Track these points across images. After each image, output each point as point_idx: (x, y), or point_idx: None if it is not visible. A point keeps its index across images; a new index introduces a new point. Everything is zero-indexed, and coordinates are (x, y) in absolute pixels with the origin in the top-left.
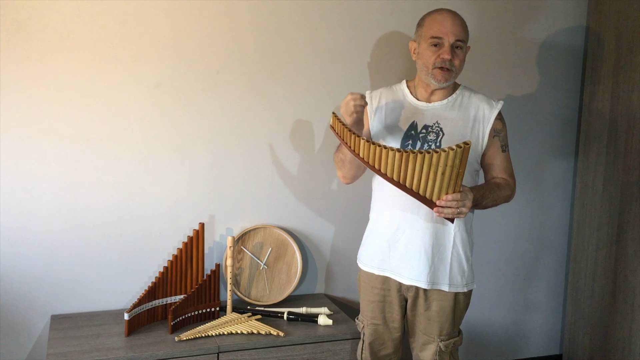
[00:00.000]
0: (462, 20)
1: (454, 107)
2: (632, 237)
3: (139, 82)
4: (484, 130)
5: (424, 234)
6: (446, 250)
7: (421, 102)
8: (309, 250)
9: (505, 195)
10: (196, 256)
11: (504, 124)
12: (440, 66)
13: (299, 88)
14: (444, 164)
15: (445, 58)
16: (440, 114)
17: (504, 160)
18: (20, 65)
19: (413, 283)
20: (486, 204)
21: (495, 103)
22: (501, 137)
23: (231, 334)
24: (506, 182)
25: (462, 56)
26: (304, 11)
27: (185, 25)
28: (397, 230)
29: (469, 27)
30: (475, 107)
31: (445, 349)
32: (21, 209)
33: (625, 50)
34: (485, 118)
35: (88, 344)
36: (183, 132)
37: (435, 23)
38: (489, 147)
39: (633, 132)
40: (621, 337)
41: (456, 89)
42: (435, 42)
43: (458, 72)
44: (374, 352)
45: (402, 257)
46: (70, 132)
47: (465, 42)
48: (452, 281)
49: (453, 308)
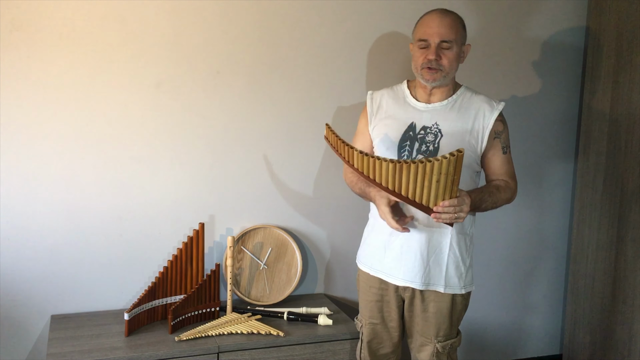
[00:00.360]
0: (453, 19)
1: (453, 108)
2: (632, 237)
3: (139, 82)
4: (484, 131)
5: (420, 235)
6: (443, 252)
7: (421, 102)
8: (309, 250)
9: (506, 198)
10: (196, 256)
11: (505, 125)
12: (427, 66)
13: (299, 88)
14: (438, 173)
15: (430, 59)
16: (440, 115)
17: (505, 162)
18: (20, 65)
19: (407, 284)
20: (486, 207)
21: (496, 104)
22: (502, 139)
23: (231, 334)
24: (507, 184)
25: (451, 55)
26: (303, 11)
27: (185, 25)
28: (392, 232)
29: (469, 27)
30: (476, 108)
31: (442, 350)
32: (21, 209)
33: (625, 50)
34: (485, 119)
35: (88, 344)
36: (183, 132)
37: (422, 25)
38: (489, 148)
39: (633, 132)
40: (621, 337)
41: (457, 90)
42: (423, 45)
43: (449, 71)
44: (372, 351)
45: (396, 258)
46: (70, 132)
47: (454, 41)
48: (449, 282)
49: (450, 309)
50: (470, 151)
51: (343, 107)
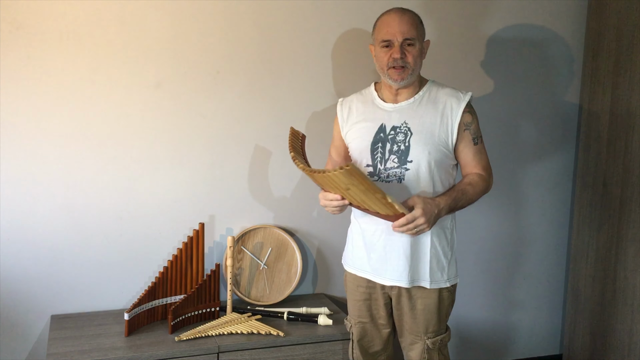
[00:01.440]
0: (412, 17)
1: (421, 105)
2: (632, 237)
3: (139, 82)
4: (452, 124)
5: (400, 235)
6: (424, 248)
7: (388, 103)
8: (309, 250)
9: (480, 191)
10: (196, 256)
11: (474, 116)
12: (392, 66)
13: (299, 88)
14: (342, 183)
15: (395, 57)
16: (408, 114)
17: (477, 152)
18: (20, 65)
19: (394, 283)
20: (462, 206)
21: (463, 95)
22: (472, 130)
23: (231, 334)
24: (480, 177)
25: (415, 52)
26: (303, 12)
27: (185, 25)
28: (374, 233)
29: (467, 27)
30: (443, 101)
31: (432, 346)
32: (21, 209)
33: (625, 51)
34: (453, 112)
35: (88, 344)
36: (183, 132)
37: (383, 25)
38: (460, 140)
39: (633, 132)
40: (621, 337)
41: (423, 86)
42: (386, 44)
43: (415, 68)
44: (364, 349)
45: (381, 258)
46: (70, 132)
47: (416, 38)
48: (433, 277)
49: (438, 305)
50: (442, 146)
51: None
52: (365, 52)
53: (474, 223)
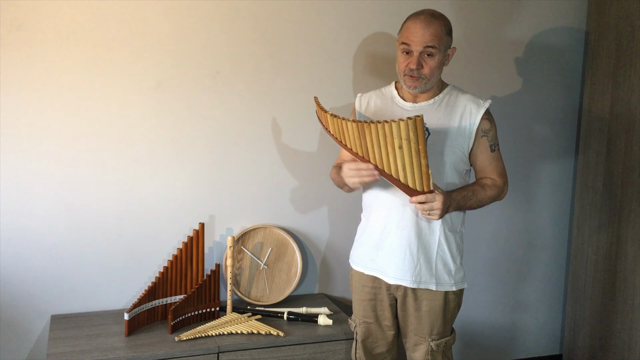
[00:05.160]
0: (439, 27)
1: (440, 107)
2: (632, 237)
3: (139, 82)
4: (470, 129)
5: (409, 233)
6: (431, 250)
7: (408, 102)
8: (309, 250)
9: (492, 196)
10: (196, 256)
11: (492, 123)
12: (409, 74)
13: (299, 88)
14: (398, 137)
15: (411, 68)
16: (427, 114)
17: (493, 159)
18: (20, 65)
19: (398, 282)
20: (471, 205)
21: (482, 102)
22: (489, 137)
23: (231, 334)
24: (493, 183)
25: (433, 64)
26: (304, 11)
27: (186, 25)
28: (383, 230)
29: (468, 28)
30: (462, 106)
31: (436, 348)
32: (21, 209)
33: (625, 51)
34: (472, 116)
35: (88, 344)
36: (183, 132)
37: (407, 29)
38: (477, 146)
39: (633, 132)
40: (621, 337)
41: (444, 89)
42: (405, 49)
43: (431, 78)
44: (367, 350)
45: (388, 256)
46: (70, 132)
47: (437, 48)
48: (439, 280)
49: (443, 307)
50: (458, 149)
51: (344, 106)
52: (365, 54)
53: (474, 223)
